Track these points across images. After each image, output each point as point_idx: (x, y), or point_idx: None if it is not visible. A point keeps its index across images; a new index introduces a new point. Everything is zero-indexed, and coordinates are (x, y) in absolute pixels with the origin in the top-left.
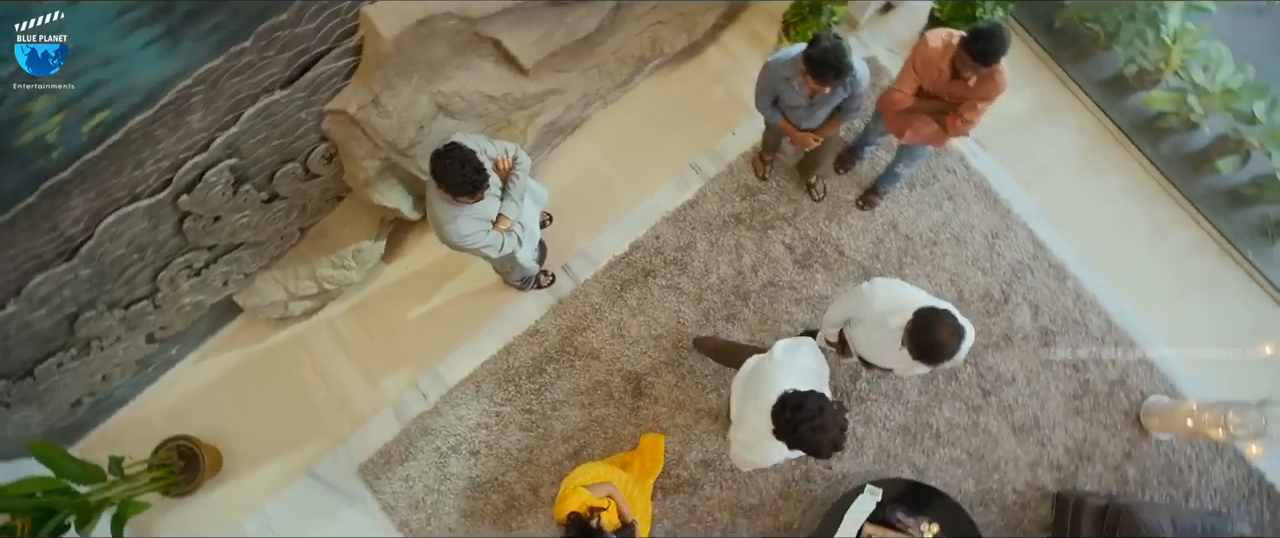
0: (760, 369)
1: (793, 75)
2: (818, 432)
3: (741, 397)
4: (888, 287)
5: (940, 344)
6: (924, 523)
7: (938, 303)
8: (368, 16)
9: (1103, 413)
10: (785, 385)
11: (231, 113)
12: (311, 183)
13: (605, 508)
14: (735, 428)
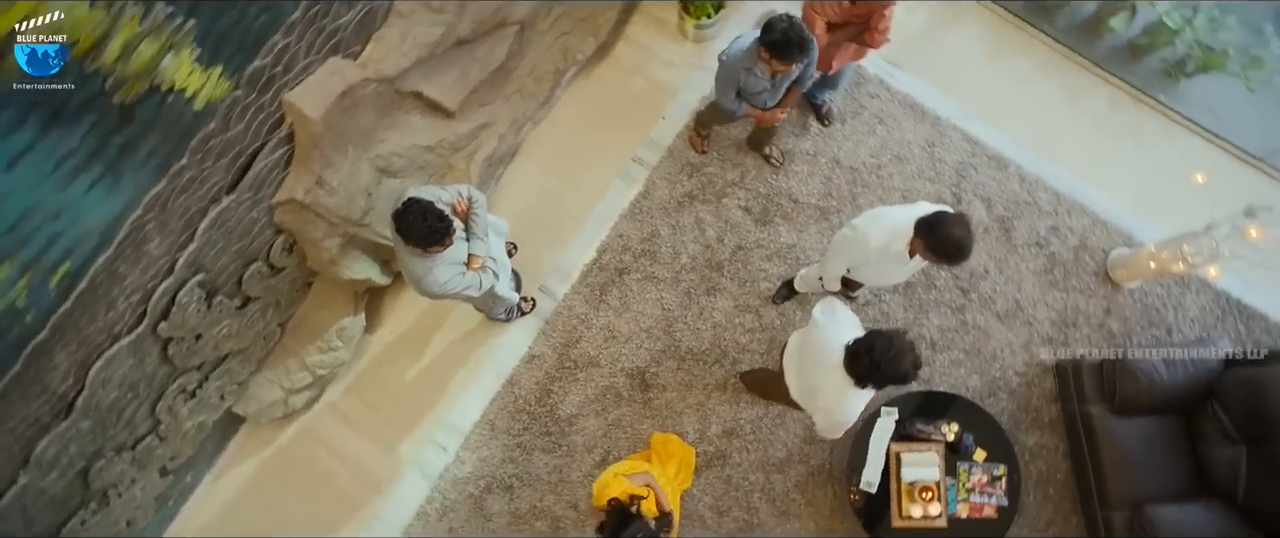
0: (810, 339)
1: (752, 65)
2: (898, 360)
3: (802, 373)
4: (873, 221)
5: (959, 241)
6: (943, 426)
7: (923, 209)
8: (291, 103)
9: (1074, 279)
10: (843, 340)
11: (186, 231)
12: (279, 277)
13: (645, 497)
14: (812, 404)
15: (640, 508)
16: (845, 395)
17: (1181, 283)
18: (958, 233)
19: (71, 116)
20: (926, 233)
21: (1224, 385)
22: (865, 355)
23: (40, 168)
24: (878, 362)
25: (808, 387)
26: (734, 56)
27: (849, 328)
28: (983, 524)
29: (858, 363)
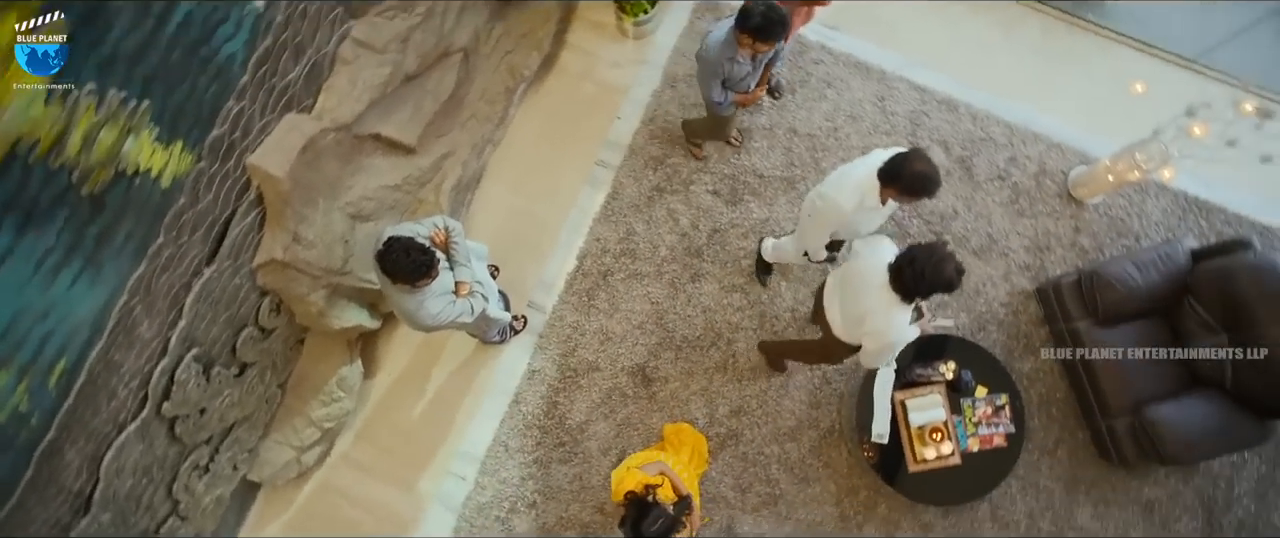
0: (851, 269)
1: (733, 54)
2: (941, 267)
3: (845, 304)
4: (839, 186)
5: (924, 174)
6: (940, 367)
7: (881, 157)
8: (255, 165)
9: (1040, 204)
10: (884, 261)
11: (174, 309)
12: (272, 339)
13: (660, 485)
14: (859, 331)
15: (657, 496)
16: (892, 313)
17: (1140, 190)
18: (920, 168)
19: (44, 215)
20: (892, 179)
21: (1196, 280)
22: (908, 268)
23: (22, 271)
24: (922, 271)
25: (855, 315)
26: (714, 51)
27: (886, 251)
28: (995, 454)
29: (902, 276)
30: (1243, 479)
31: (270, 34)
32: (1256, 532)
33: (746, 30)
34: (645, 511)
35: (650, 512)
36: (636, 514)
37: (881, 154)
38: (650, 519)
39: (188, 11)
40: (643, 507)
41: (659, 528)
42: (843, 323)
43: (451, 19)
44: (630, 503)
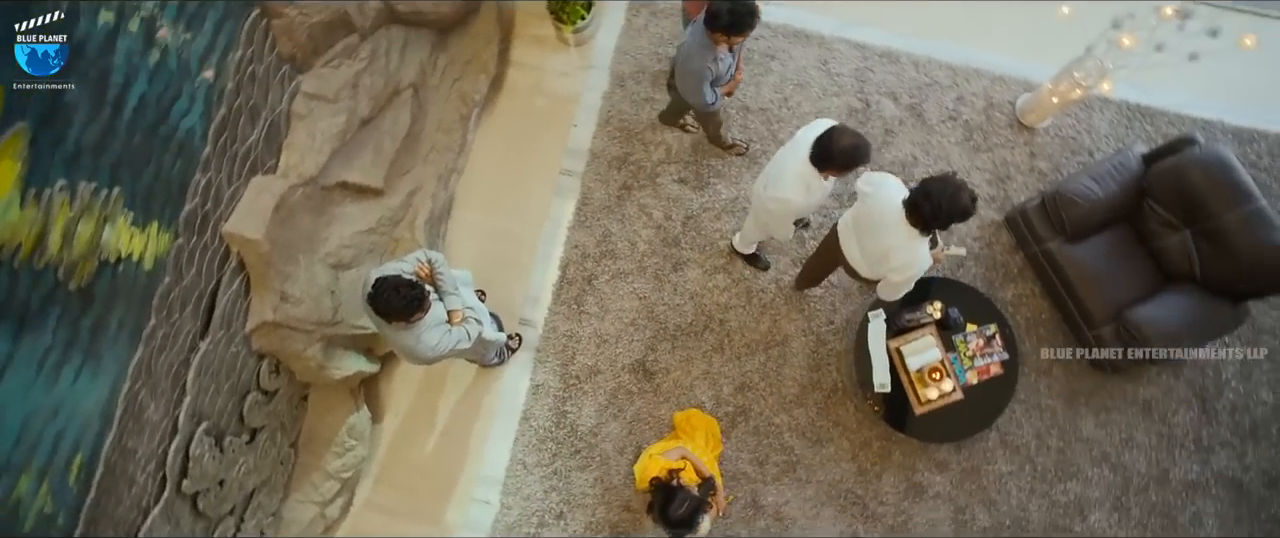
0: (862, 211)
1: (714, 54)
2: (957, 197)
3: (865, 244)
4: (780, 183)
5: (850, 147)
6: (927, 308)
7: (808, 139)
8: (231, 232)
9: (993, 137)
10: (897, 196)
11: (176, 387)
12: (276, 400)
13: (682, 469)
14: (885, 266)
15: (680, 480)
16: (915, 246)
17: (1085, 107)
18: (846, 142)
19: (38, 316)
20: (825, 161)
21: (1151, 183)
22: (925, 202)
23: (25, 375)
24: (939, 204)
25: (877, 252)
26: (697, 57)
27: (895, 187)
28: (995, 383)
29: (920, 211)
30: (1227, 364)
31: (224, 102)
32: (1248, 411)
33: (719, 30)
34: (671, 495)
35: (676, 495)
36: (663, 499)
37: (806, 136)
38: (677, 502)
39: (141, 94)
40: (669, 491)
41: (686, 510)
42: (865, 262)
43: (396, 57)
44: (656, 489)
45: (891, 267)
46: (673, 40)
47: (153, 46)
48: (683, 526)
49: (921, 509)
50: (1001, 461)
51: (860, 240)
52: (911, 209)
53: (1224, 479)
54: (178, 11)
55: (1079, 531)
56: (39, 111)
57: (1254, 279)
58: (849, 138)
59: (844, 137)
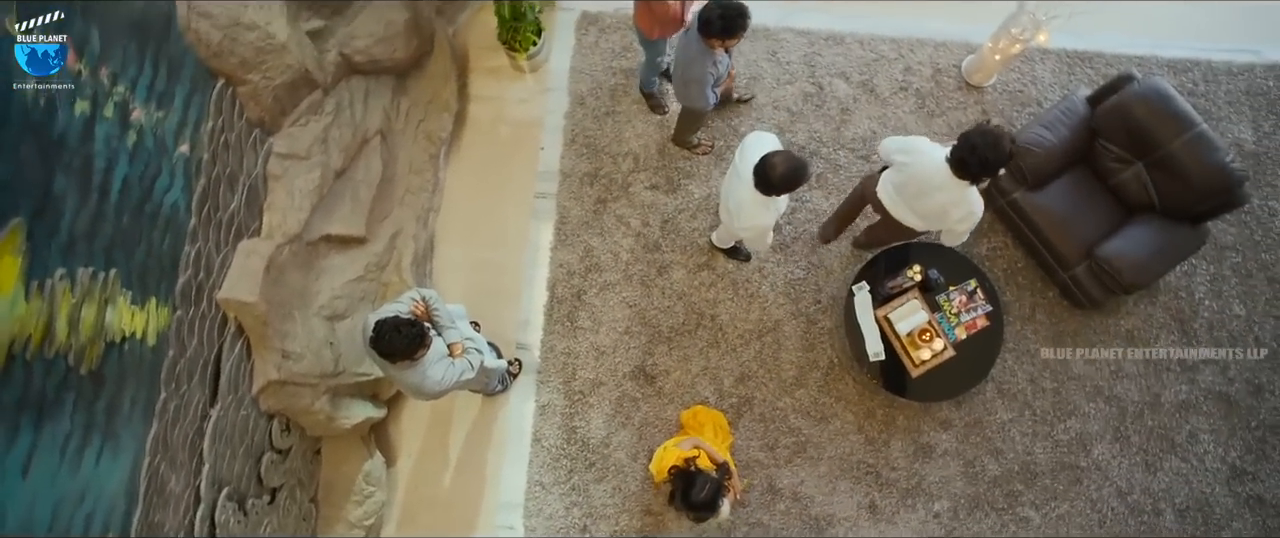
0: (904, 176)
1: (711, 58)
2: (998, 146)
3: (917, 204)
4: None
5: (786, 173)
6: (907, 272)
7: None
8: (226, 298)
9: (945, 101)
10: (938, 156)
11: (194, 457)
12: (290, 458)
13: (697, 456)
14: (947, 220)
15: (698, 466)
16: (969, 195)
17: (1026, 60)
18: (782, 170)
19: (54, 404)
20: (772, 189)
21: (1099, 122)
22: (971, 155)
23: (50, 462)
24: (986, 157)
25: (934, 211)
26: (697, 64)
27: (930, 148)
28: (983, 335)
29: (967, 165)
30: (1198, 285)
31: (202, 173)
32: (1224, 326)
33: (713, 35)
34: (691, 479)
35: (697, 479)
36: (684, 485)
37: (743, 166)
38: (698, 486)
39: (124, 175)
40: (688, 477)
41: (707, 493)
42: (922, 221)
43: (360, 107)
44: (676, 477)
45: (955, 218)
46: (624, 52)
47: (129, 128)
48: (706, 508)
49: (932, 468)
50: (1001, 410)
51: (910, 204)
52: (959, 166)
53: (1212, 395)
54: (148, 92)
55: (1085, 465)
56: (32, 205)
57: (1207, 199)
58: (782, 166)
59: (777, 167)
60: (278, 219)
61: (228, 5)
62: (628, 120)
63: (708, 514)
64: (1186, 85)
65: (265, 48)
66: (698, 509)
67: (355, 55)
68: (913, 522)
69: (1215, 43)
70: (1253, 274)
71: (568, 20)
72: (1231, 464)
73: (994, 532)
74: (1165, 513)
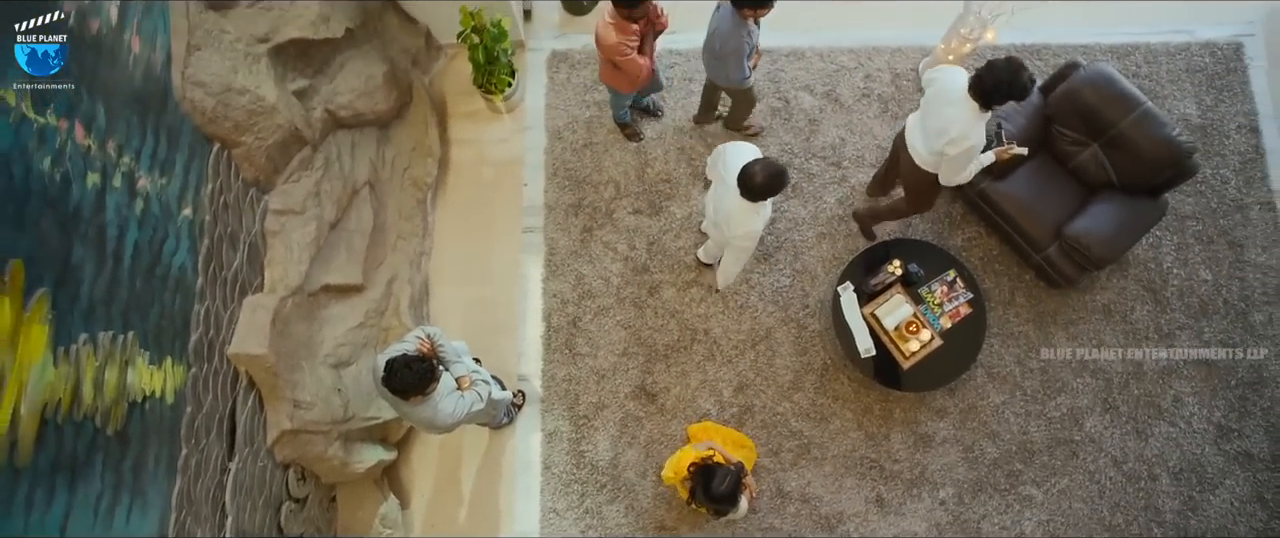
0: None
1: (745, 29)
2: (1018, 73)
3: (926, 124)
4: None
5: (768, 182)
6: (887, 268)
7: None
8: (237, 353)
9: (907, 103)
10: (961, 77)
11: (216, 510)
12: (308, 506)
13: (712, 455)
14: (942, 140)
15: (716, 461)
16: (971, 120)
17: (978, 57)
18: (762, 178)
19: (85, 465)
20: (756, 196)
21: (1053, 110)
22: (988, 74)
23: (85, 521)
24: (1001, 77)
25: (936, 128)
26: (733, 36)
27: (958, 72)
28: (968, 322)
29: (982, 84)
30: (1165, 255)
31: (206, 234)
32: (1193, 291)
33: (746, 5)
34: (712, 472)
35: (717, 472)
36: (705, 478)
37: (728, 176)
38: (718, 478)
39: (135, 241)
40: (708, 470)
41: (728, 484)
42: (924, 145)
43: (347, 159)
44: (696, 473)
45: (948, 139)
46: (596, 86)
47: (136, 196)
48: (727, 500)
49: (933, 457)
50: (993, 393)
51: (923, 122)
52: (975, 83)
53: (1191, 359)
54: (151, 160)
55: (1079, 438)
56: (54, 275)
57: (1161, 171)
58: (762, 174)
59: (757, 175)
60: (279, 273)
61: (219, 72)
62: (605, 150)
63: (728, 507)
64: (1130, 68)
65: (256, 110)
66: (719, 502)
67: (340, 110)
68: (920, 511)
69: (1151, 26)
70: (1214, 240)
71: (538, 60)
72: (1217, 424)
73: (999, 512)
74: (1161, 477)
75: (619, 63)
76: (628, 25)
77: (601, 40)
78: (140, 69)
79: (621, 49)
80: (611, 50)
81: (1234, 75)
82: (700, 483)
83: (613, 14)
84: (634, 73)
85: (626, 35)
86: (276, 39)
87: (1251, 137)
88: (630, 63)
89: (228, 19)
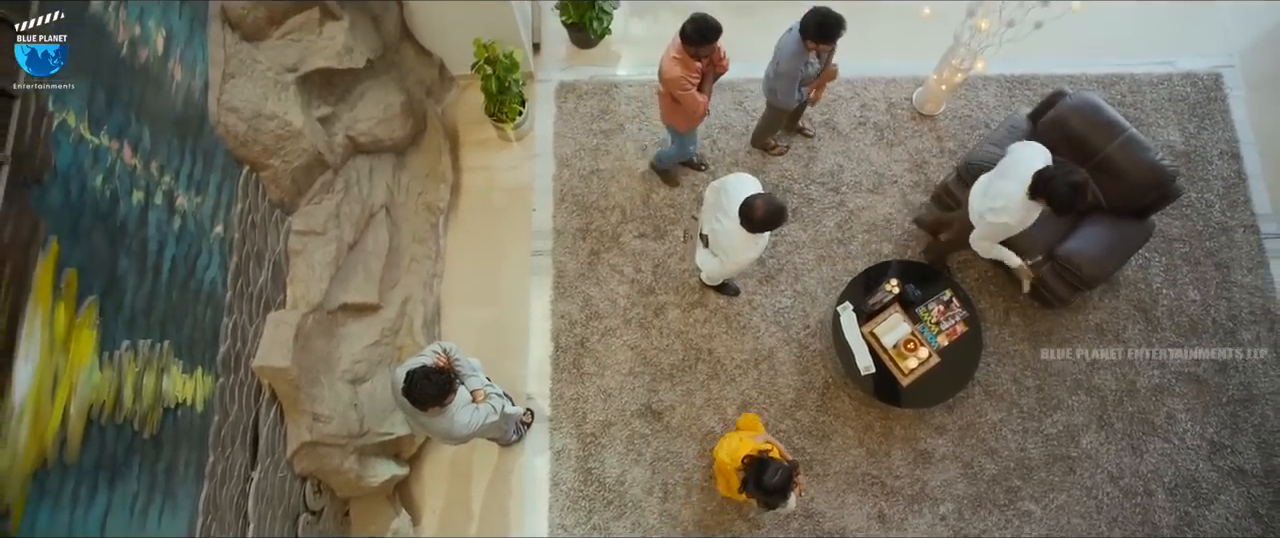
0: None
1: (805, 57)
2: (1075, 188)
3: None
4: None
5: (768, 216)
6: (885, 286)
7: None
8: (262, 366)
9: (901, 131)
10: (1034, 164)
11: (239, 517)
12: (323, 519)
13: (771, 449)
14: (989, 206)
15: (771, 455)
16: (1023, 207)
17: (969, 87)
18: (763, 211)
19: (124, 465)
20: (757, 227)
21: (1041, 136)
22: (1052, 183)
23: (122, 519)
24: (1061, 191)
25: (993, 192)
26: (790, 61)
27: (1038, 155)
28: (964, 340)
29: (1046, 185)
30: (1154, 276)
31: (235, 251)
32: (1183, 311)
33: (810, 37)
34: (765, 464)
35: (770, 465)
36: (758, 470)
37: (734, 198)
38: (771, 471)
39: (173, 256)
40: (762, 462)
41: (780, 478)
42: (977, 202)
43: (365, 183)
44: (751, 465)
45: (993, 207)
46: (602, 115)
47: (175, 213)
48: (778, 494)
49: (933, 473)
50: (990, 411)
51: (989, 184)
52: (1036, 178)
53: (1182, 376)
54: (188, 180)
55: (1076, 455)
56: (102, 285)
57: (1146, 194)
58: (762, 208)
59: (758, 208)
60: (301, 290)
61: (251, 99)
62: (612, 177)
63: (779, 501)
64: (1115, 97)
65: (284, 134)
66: (770, 494)
67: (360, 136)
68: (921, 526)
69: (1135, 58)
70: (1201, 261)
71: (547, 91)
72: (1210, 440)
73: (999, 528)
74: (1156, 493)
75: (679, 97)
76: (692, 62)
77: (665, 74)
78: (181, 95)
79: (683, 83)
80: (673, 84)
81: (1215, 104)
82: (754, 476)
83: (679, 50)
84: (692, 109)
85: (690, 71)
86: (304, 68)
87: (1233, 162)
88: (690, 98)
89: (260, 50)
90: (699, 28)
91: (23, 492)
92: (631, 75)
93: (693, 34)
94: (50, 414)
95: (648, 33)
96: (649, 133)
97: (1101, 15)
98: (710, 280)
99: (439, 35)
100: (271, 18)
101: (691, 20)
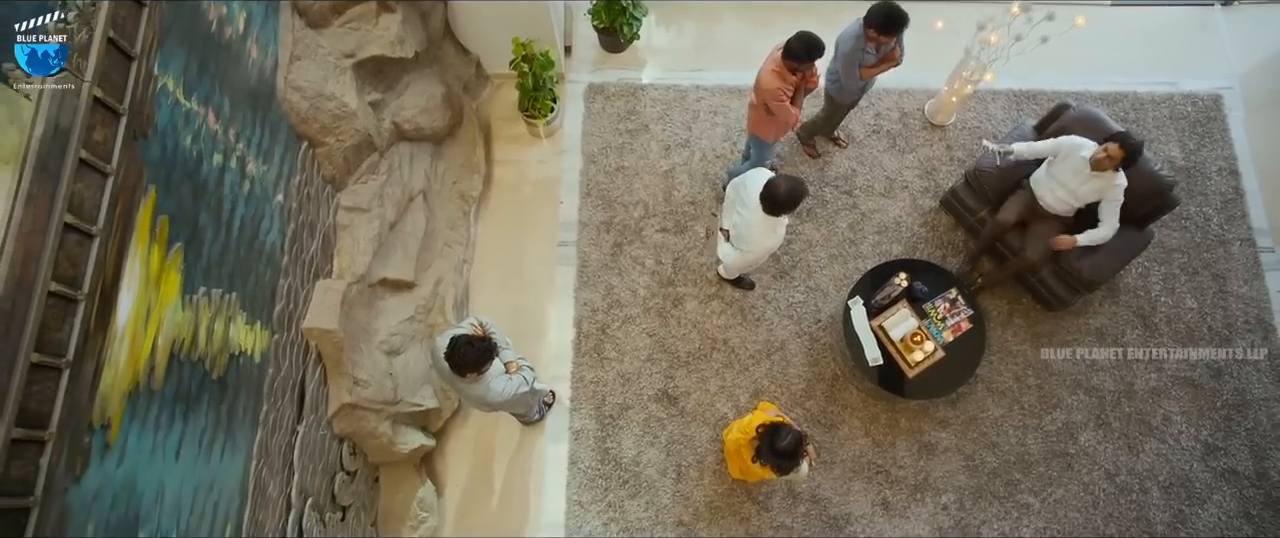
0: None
1: (863, 46)
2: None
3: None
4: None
5: (790, 194)
6: (894, 280)
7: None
8: (310, 327)
9: (913, 139)
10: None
11: (285, 466)
12: (357, 480)
13: (784, 422)
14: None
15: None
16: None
17: (979, 99)
18: (785, 190)
19: (196, 401)
20: (779, 209)
21: None
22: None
23: (193, 450)
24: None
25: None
26: (852, 46)
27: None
28: (969, 336)
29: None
30: (1153, 284)
31: (292, 219)
32: (1180, 318)
33: (872, 26)
34: (777, 429)
35: (781, 429)
36: (770, 436)
37: (753, 190)
38: (782, 435)
39: (242, 216)
40: (774, 428)
41: (790, 441)
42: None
43: (407, 168)
44: (764, 433)
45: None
46: (628, 116)
47: (246, 178)
48: (789, 456)
49: (936, 464)
50: (993, 407)
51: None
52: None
53: (1179, 380)
54: (258, 149)
55: (1074, 451)
56: (186, 233)
57: (1145, 202)
58: (784, 186)
59: (780, 187)
60: (346, 262)
61: (314, 80)
62: (636, 174)
63: (790, 465)
64: (1119, 114)
65: (340, 115)
66: (781, 457)
67: (404, 123)
68: (923, 515)
69: (1138, 77)
70: (1198, 271)
71: (576, 92)
72: (1204, 442)
73: (999, 519)
74: (1151, 491)
75: (773, 108)
76: (788, 75)
77: (762, 85)
78: (255, 71)
79: (779, 95)
80: (769, 94)
81: (1214, 123)
82: (768, 442)
83: (778, 63)
84: (784, 119)
85: (785, 83)
86: (360, 55)
87: (1232, 179)
88: (783, 109)
89: (323, 35)
90: (805, 45)
91: (120, 408)
92: (657, 79)
93: (799, 50)
94: (143, 343)
95: (673, 41)
96: (672, 133)
97: (1107, 37)
98: (728, 274)
99: (479, 34)
100: (335, 8)
101: (799, 37)
